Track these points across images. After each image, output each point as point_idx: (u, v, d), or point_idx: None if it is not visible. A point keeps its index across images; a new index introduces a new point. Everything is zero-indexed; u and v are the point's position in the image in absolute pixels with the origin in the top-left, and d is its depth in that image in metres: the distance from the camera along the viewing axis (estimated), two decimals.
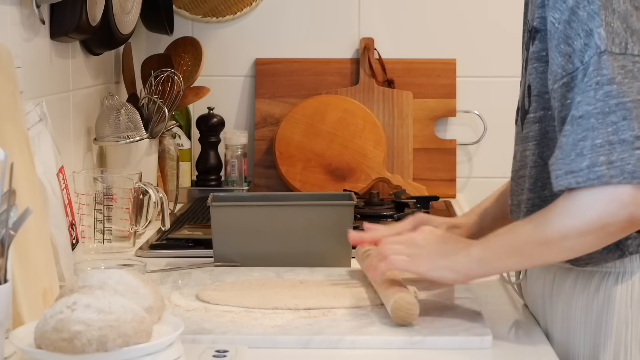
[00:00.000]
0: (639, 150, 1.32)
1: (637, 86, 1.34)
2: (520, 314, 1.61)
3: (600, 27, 1.35)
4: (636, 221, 1.36)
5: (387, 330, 1.45)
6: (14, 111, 1.53)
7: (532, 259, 1.45)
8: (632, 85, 1.34)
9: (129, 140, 2.27)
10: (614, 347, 1.45)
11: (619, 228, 1.36)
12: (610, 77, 1.34)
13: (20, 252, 1.38)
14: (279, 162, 2.68)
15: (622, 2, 1.36)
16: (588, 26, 1.35)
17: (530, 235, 1.42)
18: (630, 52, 1.34)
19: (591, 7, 1.35)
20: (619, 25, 1.35)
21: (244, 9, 2.81)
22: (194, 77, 2.61)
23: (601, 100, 1.34)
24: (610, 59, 1.34)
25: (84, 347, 1.15)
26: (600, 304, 1.46)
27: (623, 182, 1.32)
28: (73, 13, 2.01)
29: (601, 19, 1.35)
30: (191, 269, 1.83)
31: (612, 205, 1.34)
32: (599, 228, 1.36)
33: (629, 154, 1.32)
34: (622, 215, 1.34)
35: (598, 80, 1.34)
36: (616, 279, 1.46)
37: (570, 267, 1.49)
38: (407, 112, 2.74)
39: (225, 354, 1.33)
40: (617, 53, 1.34)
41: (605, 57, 1.34)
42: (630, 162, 1.32)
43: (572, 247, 1.40)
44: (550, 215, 1.40)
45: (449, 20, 2.80)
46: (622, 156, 1.32)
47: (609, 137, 1.33)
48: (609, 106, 1.33)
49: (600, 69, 1.34)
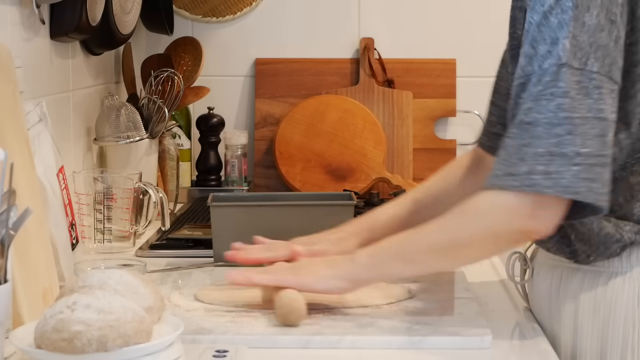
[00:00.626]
0: (577, 167, 1.33)
1: (588, 104, 1.34)
2: (520, 314, 1.61)
3: (567, 38, 1.35)
4: (531, 233, 1.38)
5: (387, 330, 1.45)
6: (14, 111, 1.53)
7: (425, 266, 1.47)
8: (584, 102, 1.34)
9: (129, 140, 2.27)
10: (621, 347, 1.45)
11: (511, 239, 1.39)
12: (565, 90, 1.34)
13: (20, 252, 1.38)
14: (279, 162, 2.68)
15: (595, 15, 1.36)
16: (555, 34, 1.36)
17: (424, 242, 1.44)
18: (589, 69, 1.35)
19: (563, 16, 1.36)
20: (585, 40, 1.35)
21: (244, 9, 2.81)
22: (194, 77, 2.61)
23: (552, 112, 1.34)
24: (569, 72, 1.34)
25: (84, 347, 1.15)
26: (607, 304, 1.46)
27: (555, 194, 1.33)
28: (73, 13, 2.01)
29: (569, 30, 1.35)
30: (191, 269, 1.83)
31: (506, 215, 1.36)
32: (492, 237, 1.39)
33: (566, 169, 1.33)
34: (516, 226, 1.37)
35: (553, 92, 1.35)
36: (622, 278, 1.46)
37: (577, 267, 1.49)
38: (407, 112, 2.74)
39: (225, 354, 1.33)
40: (576, 67, 1.35)
41: (565, 69, 1.34)
42: (566, 176, 1.33)
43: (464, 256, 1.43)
44: (445, 221, 1.42)
45: (449, 20, 2.80)
46: (559, 169, 1.33)
47: (551, 149, 1.33)
48: (557, 118, 1.34)
49: (557, 81, 1.34)
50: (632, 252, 1.46)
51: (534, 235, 1.41)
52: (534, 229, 1.37)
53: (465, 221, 1.41)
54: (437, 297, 1.63)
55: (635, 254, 1.45)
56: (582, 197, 1.33)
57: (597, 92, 1.34)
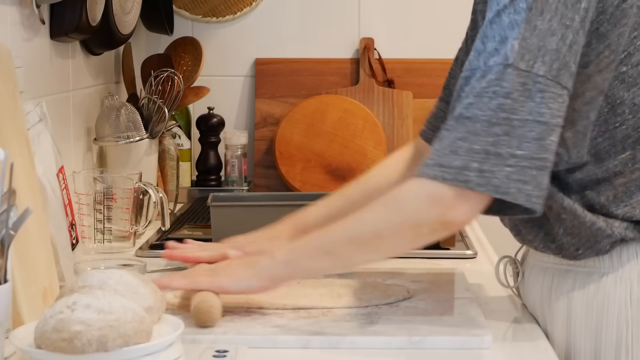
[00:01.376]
0: (510, 168, 1.33)
1: (530, 106, 1.34)
2: (519, 314, 1.61)
3: (516, 39, 1.35)
4: (450, 224, 1.37)
5: (387, 330, 1.45)
6: (14, 111, 1.53)
7: (345, 259, 1.46)
8: (525, 104, 1.34)
9: (129, 140, 2.27)
10: (615, 347, 1.45)
11: (431, 230, 1.38)
12: (508, 91, 1.34)
13: (20, 252, 1.38)
14: (279, 162, 2.68)
15: (547, 19, 1.35)
16: (505, 33, 1.36)
17: (343, 234, 1.43)
18: (535, 72, 1.35)
19: (515, 17, 1.36)
20: (534, 43, 1.35)
21: (244, 9, 2.81)
22: (194, 77, 2.61)
23: (492, 110, 1.34)
24: (514, 73, 1.34)
25: (84, 347, 1.15)
26: (600, 304, 1.46)
27: (485, 192, 1.33)
28: (73, 13, 2.01)
29: (519, 32, 1.35)
30: None
31: (427, 204, 1.36)
32: (413, 226, 1.38)
33: (499, 169, 1.33)
34: (435, 215, 1.36)
35: (495, 91, 1.35)
36: (615, 278, 1.46)
37: (567, 268, 1.50)
38: (407, 112, 2.74)
39: (225, 354, 1.33)
40: (522, 69, 1.35)
41: (510, 70, 1.35)
42: (498, 176, 1.33)
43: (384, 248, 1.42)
44: (366, 212, 1.42)
45: (449, 20, 2.80)
46: (492, 168, 1.33)
47: (487, 147, 1.34)
48: (497, 118, 1.34)
49: (501, 80, 1.35)
50: (622, 250, 1.46)
51: (452, 227, 1.39)
52: (453, 219, 1.37)
53: (386, 212, 1.41)
54: (437, 297, 1.63)
55: (626, 252, 1.46)
56: (512, 197, 1.33)
57: (539, 95, 1.34)
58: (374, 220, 1.41)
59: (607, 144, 1.44)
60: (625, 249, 1.46)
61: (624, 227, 1.45)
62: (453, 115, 1.37)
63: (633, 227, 1.45)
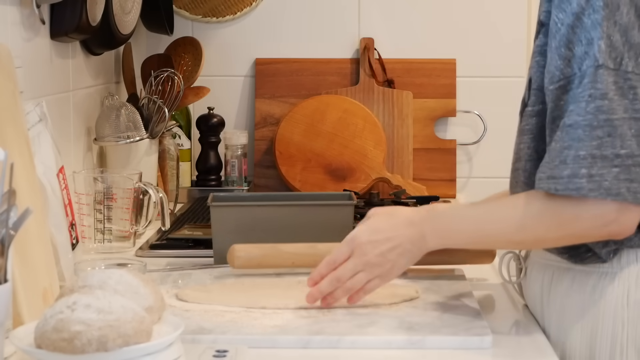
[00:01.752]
0: (617, 169, 1.35)
1: (625, 104, 1.36)
2: (520, 314, 1.61)
3: (601, 39, 1.37)
4: (613, 236, 1.41)
5: (387, 330, 1.45)
6: (14, 111, 1.53)
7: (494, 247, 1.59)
8: (621, 102, 1.36)
9: (129, 140, 2.27)
10: (610, 347, 1.46)
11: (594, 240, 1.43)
12: (604, 92, 1.36)
13: (20, 252, 1.38)
14: (279, 162, 2.68)
15: (625, 13, 1.37)
16: (590, 35, 1.37)
17: (502, 235, 1.47)
18: (624, 69, 1.36)
19: (595, 16, 1.37)
20: (618, 39, 1.36)
21: (244, 9, 2.81)
22: (194, 77, 2.61)
23: (591, 114, 1.36)
24: (606, 73, 1.36)
25: (84, 347, 1.15)
26: (597, 304, 1.46)
27: (599, 197, 1.35)
28: (73, 13, 2.01)
29: (603, 30, 1.37)
30: (191, 270, 1.83)
31: (595, 222, 1.39)
32: (577, 239, 1.43)
33: (607, 171, 1.35)
34: (603, 233, 1.40)
35: (591, 93, 1.36)
36: (612, 279, 1.46)
37: (567, 267, 1.50)
38: (407, 112, 2.74)
39: (225, 354, 1.33)
40: (612, 68, 1.37)
41: (602, 71, 1.36)
42: (607, 178, 1.35)
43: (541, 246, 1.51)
44: (526, 220, 1.44)
45: (449, 20, 2.80)
46: (601, 172, 1.35)
47: (592, 151, 1.36)
48: (597, 120, 1.36)
49: (595, 82, 1.36)
50: (622, 253, 1.46)
51: (619, 237, 1.42)
52: (618, 232, 1.40)
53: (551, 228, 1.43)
54: (437, 297, 1.63)
55: (626, 255, 1.46)
56: (622, 198, 1.36)
57: (632, 92, 1.37)
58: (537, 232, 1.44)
59: None
60: (625, 253, 1.46)
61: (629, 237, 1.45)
62: (560, 126, 1.39)
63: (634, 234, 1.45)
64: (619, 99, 1.36)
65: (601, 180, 1.35)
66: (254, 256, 1.74)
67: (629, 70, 1.37)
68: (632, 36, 1.37)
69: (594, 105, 1.36)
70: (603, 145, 1.36)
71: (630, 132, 1.36)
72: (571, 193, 1.36)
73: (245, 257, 1.74)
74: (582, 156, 1.36)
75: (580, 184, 1.36)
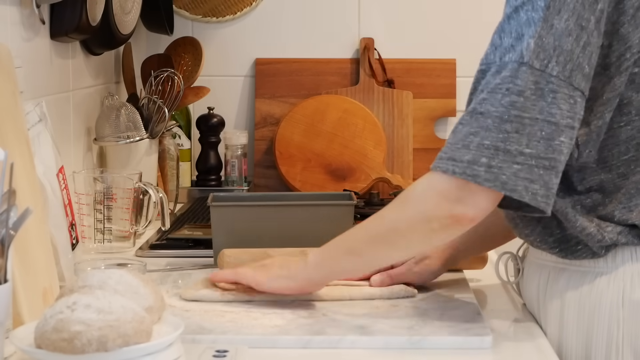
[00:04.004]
0: (517, 166, 1.34)
1: (541, 106, 1.35)
2: (520, 314, 1.61)
3: (532, 37, 1.36)
4: (460, 219, 1.38)
5: (387, 330, 1.45)
6: (14, 111, 1.53)
7: (366, 257, 1.49)
8: (537, 103, 1.35)
9: (129, 140, 2.27)
10: (606, 347, 1.46)
11: (442, 224, 1.39)
12: (521, 89, 1.35)
13: (20, 252, 1.38)
14: (279, 162, 2.68)
15: (564, 19, 1.36)
16: (522, 30, 1.37)
17: (363, 232, 1.47)
18: (549, 72, 1.35)
19: (532, 14, 1.37)
20: (550, 42, 1.36)
21: (244, 9, 2.81)
22: (194, 77, 2.61)
23: (504, 107, 1.36)
24: (528, 72, 1.35)
25: (84, 347, 1.15)
26: (592, 303, 1.47)
27: (493, 188, 1.34)
28: (73, 13, 2.01)
29: (536, 30, 1.36)
30: (191, 270, 1.83)
31: (436, 198, 1.38)
32: (424, 220, 1.40)
33: (507, 165, 1.34)
34: (444, 209, 1.38)
35: (509, 87, 1.36)
36: (608, 278, 1.46)
37: (563, 266, 1.50)
38: (407, 112, 2.74)
39: (225, 354, 1.33)
40: (536, 68, 1.36)
41: (524, 69, 1.36)
42: (506, 173, 1.34)
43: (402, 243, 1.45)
44: (385, 209, 1.45)
45: (449, 20, 2.81)
46: (501, 165, 1.34)
47: (497, 143, 1.35)
48: (508, 114, 1.35)
49: (515, 78, 1.36)
50: (617, 252, 1.46)
51: (462, 222, 1.39)
52: (462, 213, 1.38)
53: (401, 208, 1.43)
54: (437, 297, 1.63)
55: (621, 254, 1.46)
56: (518, 195, 1.34)
57: (551, 95, 1.35)
58: (390, 217, 1.44)
59: (610, 143, 1.44)
60: (620, 251, 1.46)
61: (616, 232, 1.45)
62: (468, 110, 1.39)
63: (627, 231, 1.45)
64: (535, 99, 1.35)
65: (499, 173, 1.34)
66: (243, 261, 1.74)
67: (554, 74, 1.35)
68: (566, 42, 1.36)
69: (509, 100, 1.35)
70: (509, 140, 1.34)
71: (540, 134, 1.35)
72: (467, 178, 1.35)
73: (235, 262, 1.73)
74: (485, 145, 1.35)
75: (478, 172, 1.35)
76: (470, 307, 1.57)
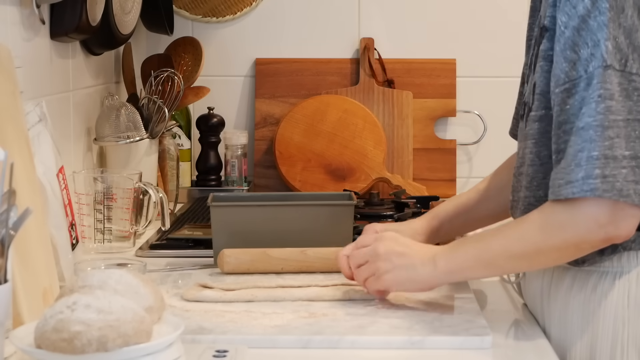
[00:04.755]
0: (625, 170, 1.35)
1: (629, 106, 1.37)
2: (520, 314, 1.61)
3: (608, 40, 1.37)
4: (611, 240, 1.40)
5: (387, 330, 1.45)
6: (14, 111, 1.53)
7: (503, 270, 1.54)
8: (625, 104, 1.37)
9: (129, 140, 2.27)
10: (611, 346, 1.46)
11: (593, 246, 1.41)
12: (612, 92, 1.36)
13: (20, 252, 1.38)
14: (279, 162, 2.68)
15: (629, 16, 1.37)
16: (597, 36, 1.37)
17: (503, 249, 1.46)
18: (629, 70, 1.37)
19: (601, 18, 1.37)
20: (623, 41, 1.37)
21: (244, 9, 2.81)
22: (194, 77, 2.61)
23: (601, 114, 1.36)
24: (613, 74, 1.37)
25: (84, 347, 1.15)
26: (597, 303, 1.46)
27: (612, 198, 1.35)
28: (73, 13, 2.01)
29: (609, 32, 1.37)
30: (191, 270, 1.83)
31: (590, 224, 1.38)
32: (574, 245, 1.41)
33: (618, 171, 1.35)
34: (600, 235, 1.38)
35: (601, 94, 1.36)
36: (613, 278, 1.46)
37: (567, 266, 1.50)
38: (407, 112, 2.74)
39: (225, 354, 1.33)
40: (617, 69, 1.37)
41: (610, 71, 1.36)
42: (619, 179, 1.35)
43: (544, 261, 1.46)
44: (524, 230, 1.44)
45: (449, 20, 2.80)
46: (613, 172, 1.35)
47: (605, 152, 1.35)
48: (608, 120, 1.36)
49: (604, 82, 1.36)
50: (622, 252, 1.46)
51: (617, 240, 1.41)
52: (617, 235, 1.39)
53: (547, 232, 1.42)
54: (437, 297, 1.63)
55: (627, 255, 1.46)
56: (631, 200, 1.35)
57: (636, 93, 1.37)
58: (535, 240, 1.43)
59: None
60: (626, 253, 1.46)
61: (631, 240, 1.45)
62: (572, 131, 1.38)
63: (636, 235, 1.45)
64: (623, 100, 1.36)
65: (614, 181, 1.35)
66: (242, 261, 1.75)
67: (634, 72, 1.37)
68: (636, 38, 1.37)
69: (604, 106, 1.36)
70: (614, 146, 1.35)
71: (634, 134, 1.36)
72: (586, 194, 1.35)
73: (235, 262, 1.75)
74: (594, 157, 1.35)
75: (595, 185, 1.35)
76: (470, 307, 1.57)
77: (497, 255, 1.46)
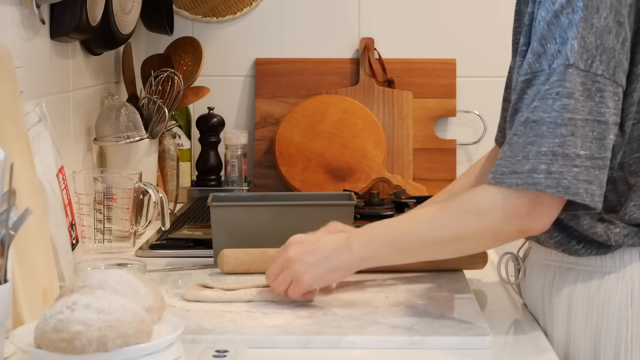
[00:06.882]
0: (577, 169, 1.35)
1: (590, 106, 1.36)
2: (520, 314, 1.61)
3: (575, 39, 1.36)
4: (526, 232, 1.41)
5: (387, 330, 1.45)
6: (14, 111, 1.53)
7: (418, 256, 1.52)
8: (586, 104, 1.36)
9: (129, 140, 2.27)
10: (614, 347, 1.46)
11: (509, 237, 1.42)
12: (571, 91, 1.36)
13: (20, 252, 1.38)
14: (279, 162, 2.68)
15: (603, 17, 1.37)
16: (566, 34, 1.37)
17: (421, 235, 1.46)
18: (594, 71, 1.36)
19: (573, 16, 1.37)
20: (592, 42, 1.36)
21: (244, 9, 2.81)
22: (194, 77, 2.61)
23: (556, 111, 1.36)
24: (575, 73, 1.36)
25: (84, 348, 1.15)
26: (600, 304, 1.46)
27: (556, 194, 1.35)
28: (73, 13, 2.01)
29: (578, 31, 1.36)
30: (191, 270, 1.83)
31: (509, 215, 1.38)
32: (492, 234, 1.41)
33: (567, 169, 1.35)
34: (516, 226, 1.39)
35: (559, 91, 1.36)
36: (616, 278, 1.46)
37: (569, 266, 1.50)
38: (407, 112, 2.74)
39: (225, 354, 1.33)
40: (581, 69, 1.36)
41: (572, 70, 1.36)
42: (567, 177, 1.35)
43: (461, 249, 1.47)
44: (443, 217, 1.44)
45: (449, 20, 2.80)
46: (561, 169, 1.35)
47: (554, 148, 1.35)
48: (562, 118, 1.36)
49: (563, 81, 1.36)
50: (624, 251, 1.46)
51: (531, 233, 1.42)
52: (532, 227, 1.39)
53: (466, 219, 1.42)
54: (437, 297, 1.63)
55: (629, 253, 1.46)
56: (580, 198, 1.35)
57: (599, 95, 1.36)
58: (453, 225, 1.43)
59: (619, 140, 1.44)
60: (628, 250, 1.46)
61: (623, 235, 1.45)
62: (520, 120, 1.39)
63: (635, 233, 1.45)
64: (584, 100, 1.36)
65: (560, 178, 1.35)
66: (242, 261, 1.75)
67: (599, 73, 1.36)
68: (607, 40, 1.37)
69: (560, 103, 1.36)
70: (566, 144, 1.35)
71: (592, 135, 1.36)
72: (529, 187, 1.35)
73: (234, 262, 1.75)
74: (543, 152, 1.35)
75: (538, 180, 1.35)
76: (470, 307, 1.57)
77: (411, 242, 1.48)
